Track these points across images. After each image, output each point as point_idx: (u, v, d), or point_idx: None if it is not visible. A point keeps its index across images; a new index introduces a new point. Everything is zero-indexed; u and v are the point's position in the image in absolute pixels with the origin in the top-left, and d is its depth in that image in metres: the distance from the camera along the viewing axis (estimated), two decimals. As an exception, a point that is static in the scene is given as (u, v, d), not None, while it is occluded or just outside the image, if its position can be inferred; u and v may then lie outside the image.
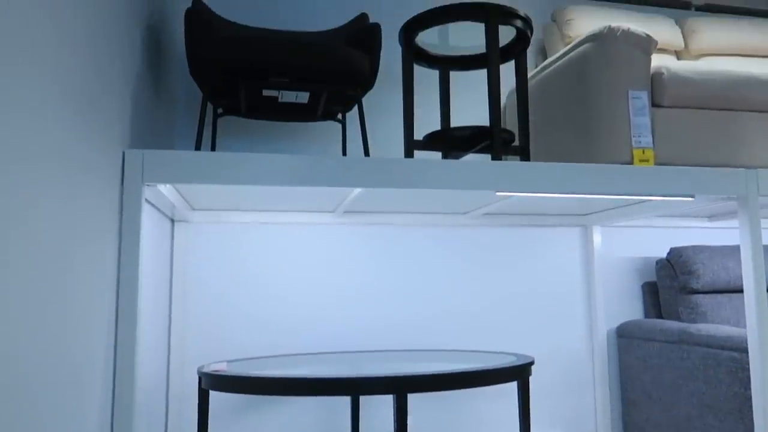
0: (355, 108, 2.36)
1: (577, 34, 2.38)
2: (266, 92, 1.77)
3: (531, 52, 2.67)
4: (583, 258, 2.45)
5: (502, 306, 2.35)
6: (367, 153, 1.92)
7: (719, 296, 2.25)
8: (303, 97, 1.79)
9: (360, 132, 2.25)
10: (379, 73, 2.47)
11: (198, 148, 1.81)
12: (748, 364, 1.75)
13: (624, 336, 2.32)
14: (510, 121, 2.41)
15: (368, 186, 1.46)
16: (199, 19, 1.77)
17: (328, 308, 2.21)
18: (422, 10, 2.27)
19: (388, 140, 2.46)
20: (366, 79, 1.74)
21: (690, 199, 1.75)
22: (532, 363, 1.72)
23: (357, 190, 1.60)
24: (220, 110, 2.09)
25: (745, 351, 1.77)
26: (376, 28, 1.90)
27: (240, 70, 1.65)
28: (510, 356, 1.88)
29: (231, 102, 1.90)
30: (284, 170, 1.41)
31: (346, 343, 2.21)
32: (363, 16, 2.07)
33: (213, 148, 2.02)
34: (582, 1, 2.76)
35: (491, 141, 1.71)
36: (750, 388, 1.75)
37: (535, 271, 2.40)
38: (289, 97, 1.79)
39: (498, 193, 1.61)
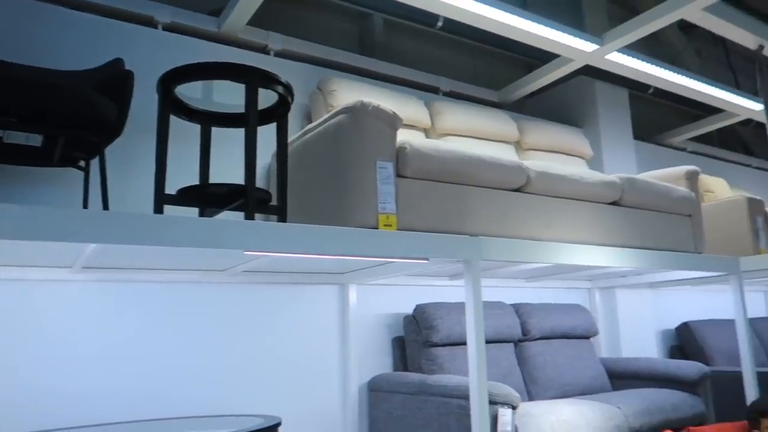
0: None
1: (339, 104, 2.56)
2: (-12, 130, 1.55)
3: (298, 116, 2.78)
4: (339, 315, 2.55)
5: (259, 365, 2.32)
6: (106, 205, 1.78)
7: (455, 348, 2.51)
8: (36, 139, 1.61)
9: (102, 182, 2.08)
10: (139, 122, 2.34)
11: None
12: (472, 410, 1.96)
13: (374, 390, 2.44)
14: (274, 181, 2.45)
15: (104, 242, 1.35)
16: None
17: (61, 376, 1.94)
18: (185, 63, 2.24)
19: (146, 191, 2.32)
20: (112, 127, 1.63)
21: (425, 261, 1.94)
22: (279, 424, 1.71)
23: (92, 246, 1.46)
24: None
25: (469, 398, 1.98)
26: (128, 75, 1.81)
27: (-48, 101, 1.43)
28: (257, 419, 1.85)
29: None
30: (7, 221, 1.23)
31: (83, 415, 1.95)
32: (118, 61, 1.96)
33: None
34: (346, 75, 2.99)
35: (245, 199, 1.72)
36: (473, 432, 1.95)
37: (294, 329, 2.43)
38: (17, 138, 1.59)
39: (246, 252, 1.60)
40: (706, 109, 4.30)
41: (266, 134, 2.62)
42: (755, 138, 5.32)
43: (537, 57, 3.84)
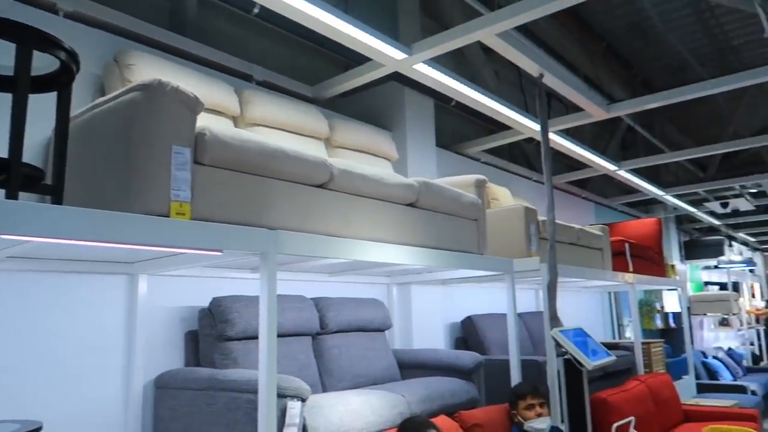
0: None
1: (137, 80, 2.36)
2: None
3: (90, 89, 2.52)
4: (126, 308, 2.37)
5: (24, 364, 2.05)
6: None
7: (251, 342, 2.48)
8: None
9: None
10: None
11: None
12: (261, 404, 1.95)
13: (161, 387, 2.31)
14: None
15: None
16: None
17: None
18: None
19: None
20: None
21: (218, 253, 1.88)
22: (39, 429, 1.53)
23: None
24: None
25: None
26: None
27: None
28: (12, 425, 1.63)
29: None
30: None
31: None
32: None
33: None
34: (149, 50, 2.78)
35: (8, 176, 1.51)
36: (260, 426, 1.94)
37: (70, 323, 2.19)
38: None
39: (4, 236, 1.41)
40: (498, 125, 4.79)
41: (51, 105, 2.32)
42: (537, 155, 6.06)
43: (353, 58, 3.95)
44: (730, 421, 4.17)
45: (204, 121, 2.13)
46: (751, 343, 11.09)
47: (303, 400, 2.03)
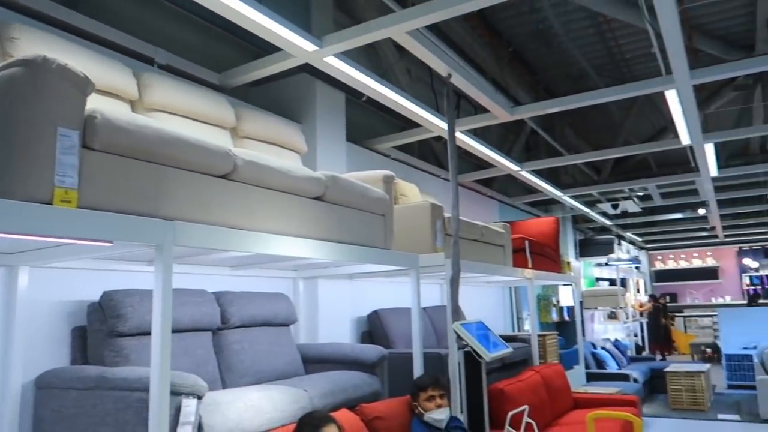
0: None
1: (19, 55, 2.18)
2: None
3: (-35, 61, 2.29)
4: (5, 302, 2.18)
5: None
6: None
7: (145, 338, 2.36)
8: None
9: None
10: None
11: None
12: (153, 403, 1.86)
13: (42, 387, 2.15)
14: None
15: None
16: None
17: None
18: None
19: None
20: None
21: (108, 244, 1.78)
22: None
23: None
24: None
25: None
26: None
27: None
28: None
29: None
30: None
31: None
32: None
33: None
34: (36, 23, 2.57)
35: None
36: (152, 426, 1.85)
37: (-64, 319, 1.99)
38: None
39: None
40: (409, 122, 4.86)
41: None
42: (445, 153, 6.22)
43: (264, 47, 3.85)
44: (613, 406, 4.49)
45: (96, 104, 1.99)
46: (635, 335, 12.02)
47: (199, 398, 1.97)
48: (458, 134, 4.83)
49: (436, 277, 4.42)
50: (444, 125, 4.52)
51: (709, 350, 11.75)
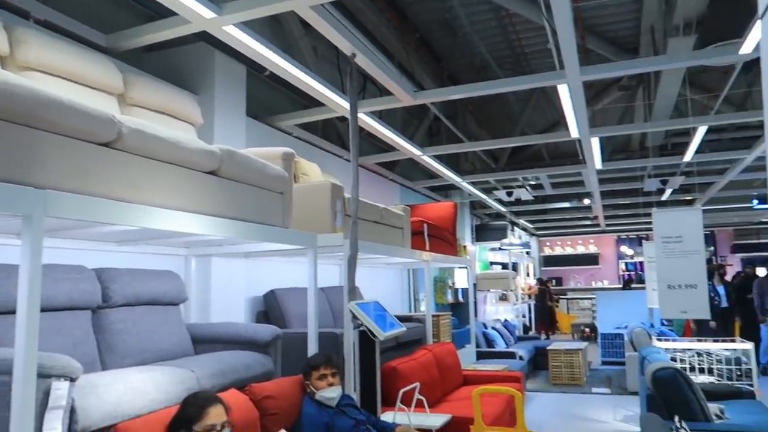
0: None
1: None
2: None
3: None
4: None
5: None
6: None
7: (13, 317, 2.16)
8: None
9: None
10: None
11: None
12: (17, 386, 1.72)
13: None
14: None
15: None
16: None
17: None
18: None
19: None
20: None
21: (-35, 212, 1.60)
22: None
23: None
24: None
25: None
26: None
27: None
28: None
29: None
30: None
31: None
32: None
33: None
34: None
35: None
36: (16, 411, 1.71)
37: None
38: None
39: None
40: (313, 101, 4.79)
41: None
42: (348, 134, 6.20)
43: (159, 11, 3.62)
44: (499, 382, 4.73)
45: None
46: (523, 316, 12.75)
47: (72, 380, 1.84)
48: (362, 116, 4.82)
49: (334, 257, 4.42)
50: (348, 106, 4.50)
51: (587, 330, 12.69)
